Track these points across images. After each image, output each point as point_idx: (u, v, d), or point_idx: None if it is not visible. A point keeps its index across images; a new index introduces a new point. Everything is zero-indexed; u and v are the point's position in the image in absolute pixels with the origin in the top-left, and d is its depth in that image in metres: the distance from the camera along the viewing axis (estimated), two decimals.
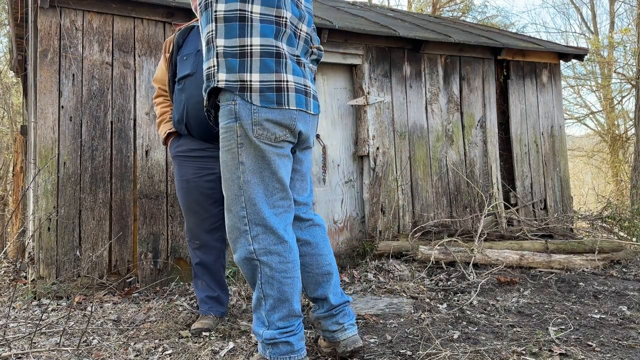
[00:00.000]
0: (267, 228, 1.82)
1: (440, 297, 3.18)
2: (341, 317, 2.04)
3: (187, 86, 2.52)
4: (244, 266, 1.87)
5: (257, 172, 1.82)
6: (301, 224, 2.05)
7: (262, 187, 1.83)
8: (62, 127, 3.51)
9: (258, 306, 1.87)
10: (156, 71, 2.78)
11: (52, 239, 3.40)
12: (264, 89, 1.79)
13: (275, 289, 1.83)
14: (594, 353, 2.11)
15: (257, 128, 1.79)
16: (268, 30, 1.81)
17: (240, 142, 1.81)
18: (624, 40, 12.68)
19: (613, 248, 4.25)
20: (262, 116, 1.79)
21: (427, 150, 4.84)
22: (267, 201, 1.84)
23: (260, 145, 1.81)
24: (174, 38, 2.66)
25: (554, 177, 5.48)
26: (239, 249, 1.86)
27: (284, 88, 1.82)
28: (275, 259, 1.83)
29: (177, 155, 2.62)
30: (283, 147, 1.86)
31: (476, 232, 4.21)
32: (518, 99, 5.37)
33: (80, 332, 2.50)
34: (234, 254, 1.90)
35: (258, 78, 1.79)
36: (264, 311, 1.85)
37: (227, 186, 1.87)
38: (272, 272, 1.82)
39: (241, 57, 1.79)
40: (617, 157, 13.05)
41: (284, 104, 1.82)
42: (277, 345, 1.82)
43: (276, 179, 1.85)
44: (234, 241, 1.88)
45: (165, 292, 3.43)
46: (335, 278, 2.08)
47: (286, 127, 1.84)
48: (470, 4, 14.74)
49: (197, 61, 2.52)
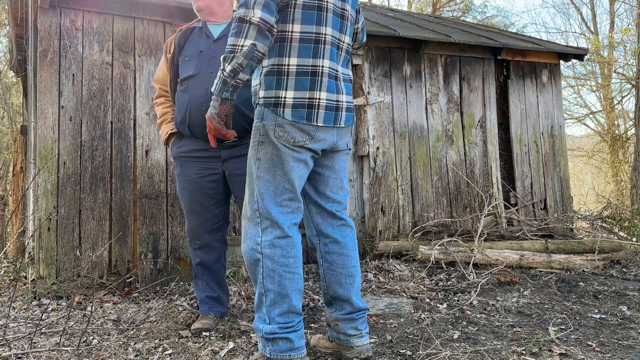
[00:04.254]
0: (274, 222, 1.90)
1: (440, 297, 3.18)
2: (360, 323, 2.06)
3: (189, 87, 2.51)
4: (249, 257, 1.92)
5: (271, 170, 1.92)
6: (333, 222, 2.10)
7: (272, 185, 1.92)
8: (62, 127, 3.51)
9: (259, 303, 1.90)
10: (157, 72, 2.77)
11: (52, 239, 3.40)
12: (297, 105, 1.92)
13: (276, 283, 1.87)
14: (594, 353, 2.11)
15: (279, 130, 1.90)
16: (306, 50, 1.94)
17: (261, 141, 1.92)
18: (624, 40, 12.68)
19: (613, 248, 4.25)
20: (286, 120, 1.91)
21: (427, 150, 4.84)
22: (275, 199, 1.91)
23: (279, 145, 1.91)
24: (175, 39, 2.65)
25: (554, 177, 5.47)
26: (248, 239, 1.93)
27: (315, 105, 1.94)
28: (278, 252, 1.88)
29: (179, 155, 2.61)
30: (300, 152, 1.94)
31: (476, 232, 4.21)
32: (518, 98, 5.37)
33: (80, 332, 2.50)
34: (243, 243, 1.95)
35: (292, 95, 1.92)
36: (265, 307, 1.87)
37: (248, 180, 1.98)
38: (273, 265, 1.87)
39: (278, 75, 1.93)
40: (617, 157, 13.05)
41: (313, 120, 1.94)
42: (277, 342, 1.84)
43: (287, 180, 1.92)
44: (246, 231, 1.95)
45: (165, 292, 3.43)
46: (358, 282, 2.11)
47: (307, 134, 1.93)
48: (470, 4, 14.75)
49: (199, 62, 2.51)
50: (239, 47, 1.75)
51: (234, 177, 2.54)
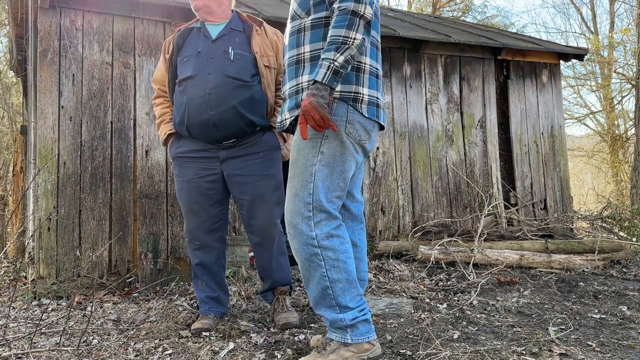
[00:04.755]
0: (329, 214, 1.92)
1: (440, 297, 3.18)
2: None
3: (188, 88, 2.50)
4: (304, 253, 1.90)
5: (330, 166, 1.92)
6: (354, 225, 2.14)
7: (328, 181, 1.93)
8: (62, 127, 3.51)
9: (323, 297, 1.90)
10: (155, 72, 2.76)
11: (52, 239, 3.40)
12: (371, 102, 1.97)
13: (343, 271, 1.89)
14: (594, 353, 2.11)
15: (350, 126, 1.92)
16: (374, 53, 2.04)
17: (327, 135, 1.91)
18: (624, 40, 12.68)
19: (613, 248, 4.25)
20: (356, 118, 1.93)
21: (427, 150, 4.84)
22: (327, 194, 1.93)
23: (347, 142, 1.92)
24: (174, 39, 2.64)
25: (554, 177, 5.47)
26: (299, 235, 1.91)
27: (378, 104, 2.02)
28: (337, 241, 1.90)
29: (177, 156, 2.61)
30: (358, 152, 1.99)
31: (476, 232, 4.21)
32: (518, 99, 5.37)
33: (80, 332, 2.50)
34: (293, 239, 1.93)
35: (367, 92, 1.97)
36: (335, 298, 1.89)
37: (297, 172, 1.94)
38: (336, 254, 1.89)
39: (357, 71, 1.96)
40: (617, 157, 13.05)
41: (380, 118, 2.02)
42: (357, 326, 1.88)
43: (342, 178, 1.95)
44: (295, 226, 1.92)
45: (165, 292, 3.43)
46: (365, 286, 2.15)
47: (367, 133, 1.98)
48: (470, 4, 14.75)
49: (198, 63, 2.50)
50: (351, 39, 1.77)
51: (232, 177, 2.54)
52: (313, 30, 1.96)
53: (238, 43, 2.56)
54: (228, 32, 2.59)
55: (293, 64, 2.00)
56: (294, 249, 1.93)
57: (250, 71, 2.54)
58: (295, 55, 1.99)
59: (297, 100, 1.96)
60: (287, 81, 2.03)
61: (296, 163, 1.95)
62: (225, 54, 2.51)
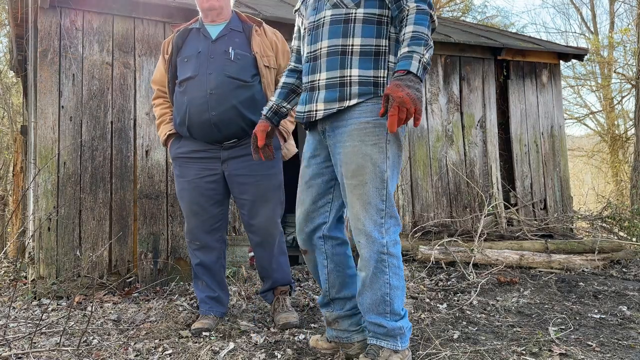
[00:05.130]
0: (397, 219, 1.90)
1: (440, 297, 3.18)
2: (360, 318, 2.07)
3: (189, 89, 2.49)
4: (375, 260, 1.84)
5: (396, 168, 1.91)
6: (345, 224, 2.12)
7: (394, 182, 1.91)
8: (62, 127, 3.51)
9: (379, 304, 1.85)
10: (154, 72, 2.75)
11: (52, 239, 3.40)
12: None
13: (400, 278, 1.88)
14: (594, 353, 2.11)
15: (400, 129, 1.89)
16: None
17: (389, 139, 1.86)
18: (624, 40, 12.67)
19: (613, 248, 4.25)
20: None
21: (427, 150, 4.84)
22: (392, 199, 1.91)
23: (402, 144, 1.93)
24: (173, 39, 2.63)
25: (554, 177, 5.47)
26: (371, 244, 1.84)
27: None
28: (399, 247, 1.89)
29: (178, 156, 2.60)
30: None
31: (476, 232, 4.21)
32: (518, 99, 5.37)
33: (80, 332, 2.50)
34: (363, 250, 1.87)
35: None
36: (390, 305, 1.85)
37: (367, 179, 1.85)
38: (397, 262, 1.87)
39: None
40: (617, 157, 13.04)
41: None
42: (405, 334, 1.88)
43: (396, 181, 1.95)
44: (368, 235, 1.85)
45: (165, 292, 3.43)
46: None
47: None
48: (470, 4, 14.74)
49: (198, 63, 2.50)
50: (429, 38, 1.77)
51: (233, 177, 2.54)
52: (365, 25, 1.88)
53: (238, 43, 2.56)
54: (228, 33, 2.59)
55: (335, 54, 1.89)
56: (365, 258, 1.86)
57: (251, 71, 2.54)
58: (340, 45, 1.89)
59: (342, 93, 1.87)
60: (321, 70, 1.92)
61: (363, 170, 1.85)
62: (225, 54, 2.51)
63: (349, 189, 1.88)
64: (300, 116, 1.99)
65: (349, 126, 1.87)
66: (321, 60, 1.92)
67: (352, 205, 1.89)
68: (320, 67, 1.92)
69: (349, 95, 1.86)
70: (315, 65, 1.94)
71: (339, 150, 1.90)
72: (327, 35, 1.91)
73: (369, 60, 1.88)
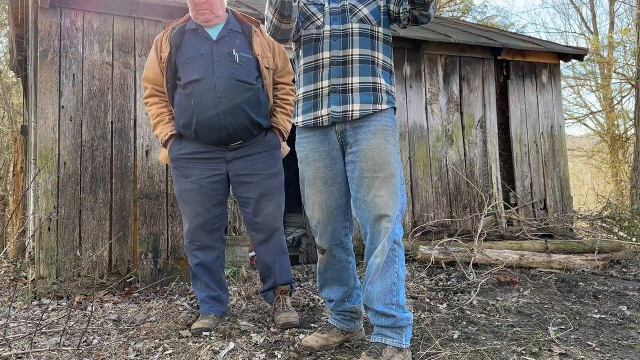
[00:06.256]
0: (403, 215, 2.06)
1: (440, 297, 3.18)
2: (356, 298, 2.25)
3: (195, 92, 2.47)
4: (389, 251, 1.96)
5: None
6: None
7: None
8: (62, 127, 3.51)
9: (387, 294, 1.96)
10: (146, 70, 2.66)
11: (52, 238, 3.40)
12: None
13: (404, 271, 2.00)
14: (594, 353, 2.12)
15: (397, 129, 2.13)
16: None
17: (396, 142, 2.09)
18: (624, 40, 12.67)
19: (613, 248, 4.25)
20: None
21: (427, 150, 4.85)
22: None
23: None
24: (169, 38, 2.57)
25: (553, 177, 5.47)
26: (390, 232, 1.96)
27: None
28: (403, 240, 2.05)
29: (180, 157, 2.58)
30: None
31: (476, 232, 4.21)
32: (518, 99, 5.37)
33: (80, 332, 2.50)
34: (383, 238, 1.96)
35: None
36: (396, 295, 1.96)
37: (393, 172, 2.00)
38: (403, 252, 2.01)
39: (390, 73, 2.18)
40: (617, 157, 13.04)
41: None
42: (408, 330, 1.97)
43: None
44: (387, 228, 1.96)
45: (165, 292, 3.43)
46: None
47: None
48: (470, 4, 14.73)
49: (204, 66, 2.48)
50: None
51: (239, 177, 2.55)
52: (384, 44, 2.10)
53: (239, 45, 2.56)
54: (228, 33, 2.58)
55: (366, 62, 2.06)
56: (382, 247, 1.95)
57: (255, 73, 2.55)
58: (370, 55, 2.06)
59: (376, 97, 2.04)
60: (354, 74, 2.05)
61: (390, 165, 2.00)
62: (230, 57, 2.50)
63: (372, 181, 1.99)
64: (337, 116, 2.06)
65: (372, 126, 2.02)
66: (353, 65, 2.05)
67: (376, 195, 1.98)
68: (352, 71, 2.05)
69: (381, 100, 2.05)
70: (345, 69, 2.06)
71: (362, 147, 2.01)
72: (358, 44, 2.06)
73: (387, 75, 2.11)
